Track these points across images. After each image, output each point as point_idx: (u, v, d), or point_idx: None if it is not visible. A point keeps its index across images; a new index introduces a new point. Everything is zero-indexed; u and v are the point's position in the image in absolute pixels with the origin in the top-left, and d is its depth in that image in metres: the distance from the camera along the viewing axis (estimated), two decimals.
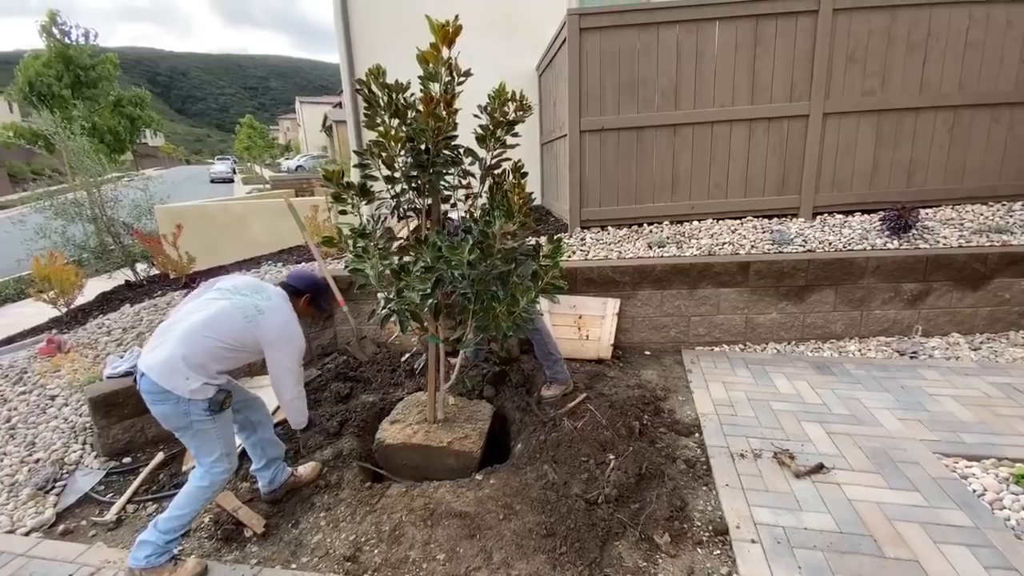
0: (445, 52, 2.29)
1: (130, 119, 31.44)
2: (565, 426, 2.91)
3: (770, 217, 4.72)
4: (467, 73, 2.35)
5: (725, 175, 4.67)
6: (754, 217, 4.73)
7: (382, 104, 2.38)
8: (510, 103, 2.50)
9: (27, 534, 2.54)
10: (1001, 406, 3.08)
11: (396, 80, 2.36)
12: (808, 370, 3.66)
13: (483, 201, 2.59)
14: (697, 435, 3.00)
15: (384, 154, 2.44)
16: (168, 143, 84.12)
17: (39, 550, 2.39)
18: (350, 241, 2.46)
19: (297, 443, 3.00)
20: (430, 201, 2.60)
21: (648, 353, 4.18)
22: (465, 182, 2.62)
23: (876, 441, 2.81)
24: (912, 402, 3.17)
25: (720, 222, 4.72)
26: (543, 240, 2.51)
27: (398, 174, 2.50)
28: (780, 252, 4.15)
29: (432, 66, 2.31)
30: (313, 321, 4.13)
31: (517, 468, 2.70)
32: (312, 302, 2.51)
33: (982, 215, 4.45)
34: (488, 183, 2.60)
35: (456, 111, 2.41)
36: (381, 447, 2.82)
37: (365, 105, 2.41)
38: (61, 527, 2.59)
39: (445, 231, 2.58)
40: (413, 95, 2.41)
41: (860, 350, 3.96)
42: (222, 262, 5.90)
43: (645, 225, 4.85)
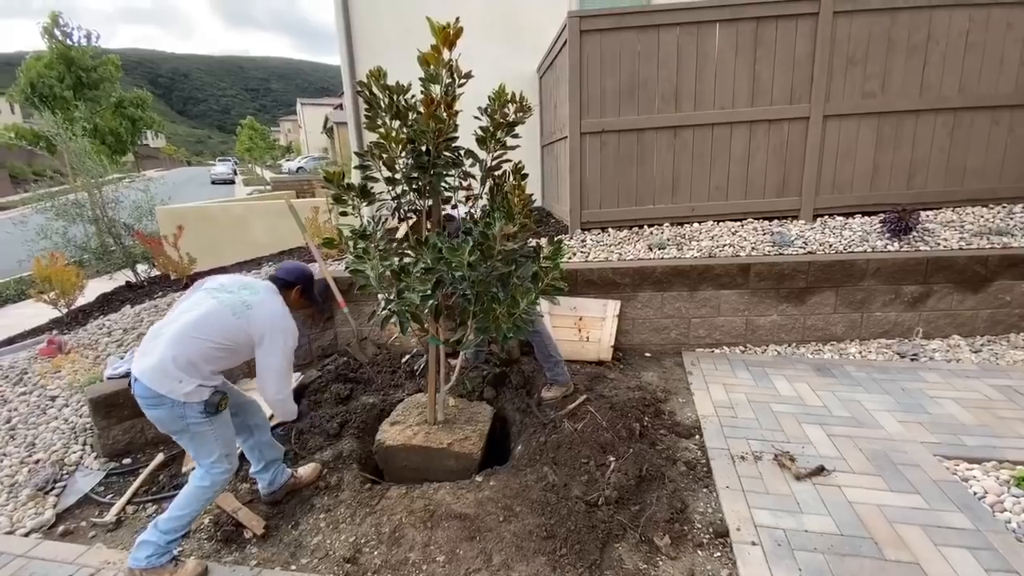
0: (446, 54, 2.29)
1: (131, 120, 31.52)
2: (565, 428, 2.91)
3: (770, 219, 4.72)
4: (468, 75, 2.36)
5: (725, 177, 4.68)
6: (754, 219, 4.73)
7: (383, 106, 2.38)
8: (510, 105, 2.51)
9: (27, 535, 2.54)
10: (1002, 408, 3.07)
11: (397, 82, 2.37)
12: (809, 372, 3.66)
13: (483, 203, 2.59)
14: (697, 437, 3.00)
15: (385, 156, 2.44)
16: (169, 144, 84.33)
17: (39, 551, 2.39)
18: (351, 242, 2.46)
19: (297, 444, 3.00)
20: (431, 202, 2.61)
21: (648, 355, 4.18)
22: (466, 184, 2.63)
23: (877, 443, 2.80)
24: (913, 404, 3.17)
25: (720, 224, 4.72)
26: (543, 242, 2.51)
27: (399, 175, 2.50)
28: (780, 254, 4.15)
29: (433, 68, 2.31)
30: (311, 318, 4.13)
31: (517, 470, 2.70)
32: (303, 293, 2.48)
33: (982, 217, 4.46)
34: (488, 185, 2.60)
35: (457, 113, 2.42)
36: (381, 448, 2.82)
37: (366, 107, 2.41)
38: (61, 528, 2.59)
39: (445, 232, 2.58)
40: (414, 97, 2.41)
41: (861, 352, 3.96)
42: (223, 263, 5.90)
43: (645, 227, 4.85)
